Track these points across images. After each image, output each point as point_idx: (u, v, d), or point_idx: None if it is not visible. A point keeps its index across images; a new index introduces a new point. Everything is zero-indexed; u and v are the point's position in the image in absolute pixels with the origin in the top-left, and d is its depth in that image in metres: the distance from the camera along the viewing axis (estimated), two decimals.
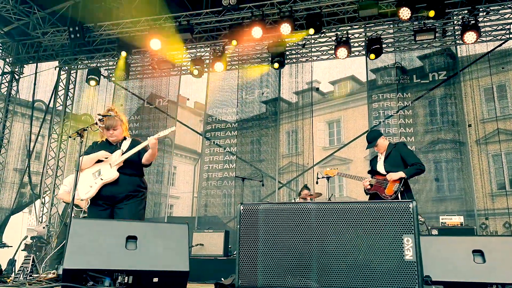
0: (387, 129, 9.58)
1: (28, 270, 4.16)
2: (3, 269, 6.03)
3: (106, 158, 3.87)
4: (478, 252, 3.31)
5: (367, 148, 5.28)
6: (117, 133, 3.95)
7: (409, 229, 2.52)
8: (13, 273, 7.02)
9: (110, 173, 3.76)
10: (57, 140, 11.03)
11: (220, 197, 10.47)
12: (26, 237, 7.78)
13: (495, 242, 3.53)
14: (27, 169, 10.51)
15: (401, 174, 4.82)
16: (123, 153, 3.85)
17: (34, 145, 10.94)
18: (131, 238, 3.13)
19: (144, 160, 3.88)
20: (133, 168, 3.88)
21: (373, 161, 5.32)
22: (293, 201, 8.13)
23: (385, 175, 4.99)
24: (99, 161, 3.90)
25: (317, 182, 8.40)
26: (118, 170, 3.79)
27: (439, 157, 8.62)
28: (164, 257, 3.16)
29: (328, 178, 8.27)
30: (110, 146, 3.95)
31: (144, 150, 3.87)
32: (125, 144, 3.95)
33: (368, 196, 5.15)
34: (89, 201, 3.84)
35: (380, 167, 5.08)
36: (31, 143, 10.74)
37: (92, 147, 4.03)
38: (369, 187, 5.05)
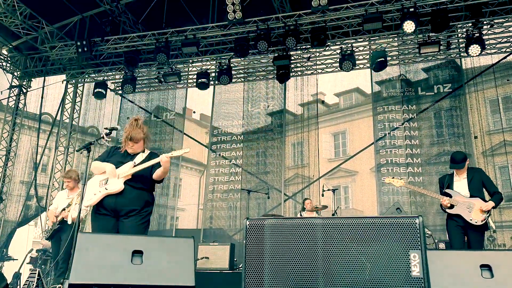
0: (392, 141, 9.55)
1: (34, 285, 4.15)
2: (8, 283, 6.03)
3: (104, 172, 3.75)
4: (486, 267, 3.26)
5: (455, 168, 5.24)
6: (137, 146, 3.87)
7: (415, 245, 2.51)
8: (18, 287, 7.04)
9: (115, 185, 3.68)
10: (64, 153, 11.10)
11: (225, 210, 10.44)
12: (32, 250, 7.80)
13: (503, 256, 3.48)
14: (34, 181, 10.56)
15: (492, 204, 5.03)
16: (134, 166, 3.74)
17: (40, 158, 11.01)
18: (137, 253, 3.12)
19: (155, 176, 3.79)
20: (142, 181, 3.78)
21: (447, 180, 5.31)
22: (299, 215, 8.06)
23: (466, 197, 5.09)
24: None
25: (322, 195, 8.37)
26: (126, 182, 3.70)
27: (445, 170, 8.53)
28: (170, 271, 3.15)
29: (334, 190, 8.27)
30: (126, 156, 3.86)
31: (158, 165, 3.75)
32: (140, 157, 3.84)
33: (447, 215, 5.21)
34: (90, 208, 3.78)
35: (461, 189, 5.14)
36: (37, 155, 10.81)
37: (108, 153, 3.96)
38: (449, 205, 5.08)
